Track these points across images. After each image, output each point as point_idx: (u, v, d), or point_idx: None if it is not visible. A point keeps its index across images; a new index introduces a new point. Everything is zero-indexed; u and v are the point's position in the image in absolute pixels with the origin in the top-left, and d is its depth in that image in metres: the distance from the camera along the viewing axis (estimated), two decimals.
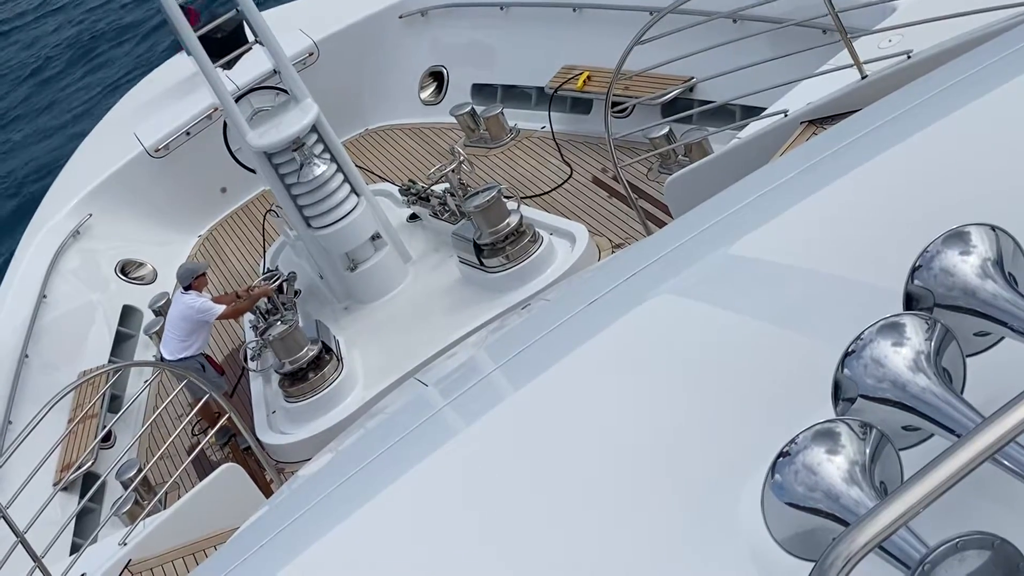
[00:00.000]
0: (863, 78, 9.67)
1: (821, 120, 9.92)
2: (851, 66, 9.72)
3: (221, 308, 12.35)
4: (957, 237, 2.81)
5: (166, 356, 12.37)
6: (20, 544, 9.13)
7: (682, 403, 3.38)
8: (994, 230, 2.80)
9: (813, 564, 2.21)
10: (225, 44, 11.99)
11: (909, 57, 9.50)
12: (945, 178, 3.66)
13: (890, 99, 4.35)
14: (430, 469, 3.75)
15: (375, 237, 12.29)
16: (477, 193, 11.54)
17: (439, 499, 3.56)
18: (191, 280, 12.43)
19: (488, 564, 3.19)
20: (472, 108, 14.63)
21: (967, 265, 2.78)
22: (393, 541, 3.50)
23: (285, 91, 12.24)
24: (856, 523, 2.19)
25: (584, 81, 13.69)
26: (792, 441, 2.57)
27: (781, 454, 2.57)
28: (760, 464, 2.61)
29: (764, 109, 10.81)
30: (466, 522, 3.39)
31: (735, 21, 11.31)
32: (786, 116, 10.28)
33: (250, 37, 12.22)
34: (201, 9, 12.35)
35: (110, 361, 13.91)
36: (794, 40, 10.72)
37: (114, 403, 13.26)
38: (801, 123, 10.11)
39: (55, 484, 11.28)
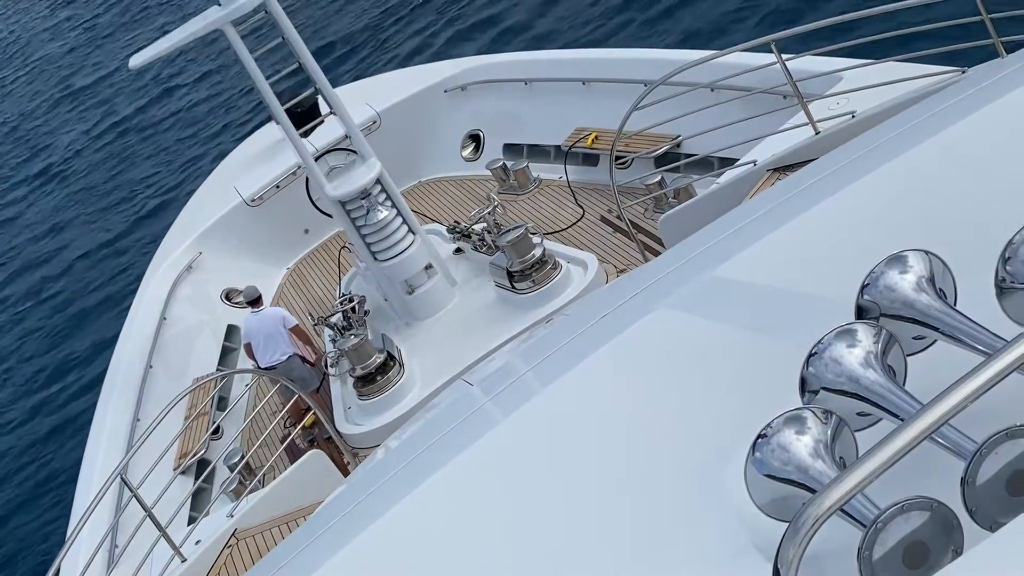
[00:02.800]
0: (817, 134, 9.65)
1: (783, 168, 9.89)
2: (807, 124, 9.71)
3: (295, 320, 12.67)
4: (897, 260, 2.80)
5: (274, 362, 12.38)
6: (148, 517, 9.17)
7: (678, 396, 3.37)
8: (927, 254, 2.80)
9: (788, 524, 2.20)
10: (304, 117, 12.06)
11: (853, 116, 9.48)
12: (886, 212, 3.65)
13: (839, 151, 4.34)
14: (476, 452, 3.74)
15: (428, 267, 12.29)
16: (509, 231, 11.53)
17: (484, 475, 3.56)
18: (258, 295, 12.71)
19: (524, 524, 3.19)
20: (504, 163, 14.62)
21: (906, 282, 2.77)
22: (449, 510, 3.50)
23: (355, 152, 12.27)
24: (822, 491, 2.19)
25: (593, 140, 13.67)
26: (768, 425, 2.56)
27: (760, 436, 2.57)
28: (743, 444, 2.60)
29: (737, 160, 10.77)
30: (505, 491, 3.39)
31: (713, 90, 11.30)
32: (755, 165, 10.26)
33: (324, 109, 12.29)
34: (288, 89, 12.46)
35: (218, 369, 13.94)
36: (760, 104, 10.70)
37: (221, 403, 13.28)
38: (767, 171, 10.08)
39: (175, 469, 11.30)
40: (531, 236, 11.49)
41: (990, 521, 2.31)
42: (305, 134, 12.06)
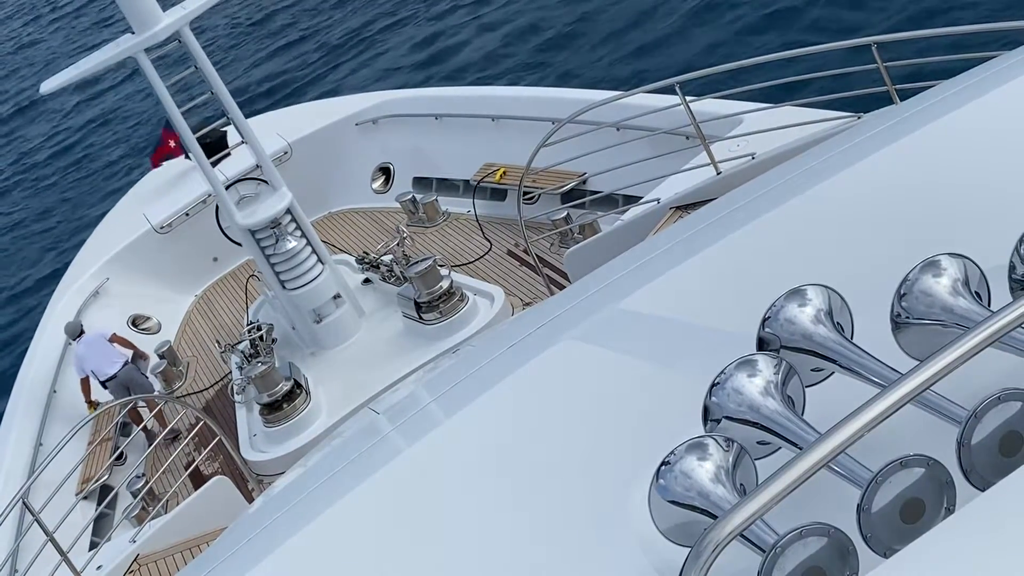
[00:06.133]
0: (718, 174, 9.78)
1: (686, 206, 9.99)
2: (708, 165, 9.83)
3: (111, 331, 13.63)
4: (797, 294, 2.84)
5: (114, 372, 12.95)
6: (50, 542, 8.96)
7: (584, 425, 3.37)
8: (826, 289, 2.84)
9: (690, 549, 2.21)
10: (212, 148, 11.93)
11: (753, 158, 9.62)
12: (785, 249, 3.70)
13: (739, 190, 4.38)
14: (381, 480, 3.70)
15: (336, 297, 12.20)
16: (417, 262, 11.50)
17: (388, 503, 3.52)
18: (80, 329, 13.38)
19: (427, 552, 3.16)
20: (413, 196, 14.61)
21: (805, 316, 2.81)
22: (351, 537, 3.45)
23: (265, 181, 12.18)
24: (722, 517, 2.20)
25: (501, 175, 13.71)
26: (672, 452, 2.57)
27: (663, 463, 2.58)
28: (647, 471, 2.61)
29: (641, 198, 10.88)
30: (409, 520, 3.35)
31: (618, 129, 11.41)
32: (658, 203, 10.35)
33: (232, 141, 12.18)
34: (201, 117, 12.37)
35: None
36: (664, 144, 10.83)
37: (125, 429, 13.04)
38: (670, 209, 10.18)
39: (77, 494, 11.06)
40: (439, 268, 11.48)
41: (884, 548, 2.34)
42: (213, 164, 11.95)
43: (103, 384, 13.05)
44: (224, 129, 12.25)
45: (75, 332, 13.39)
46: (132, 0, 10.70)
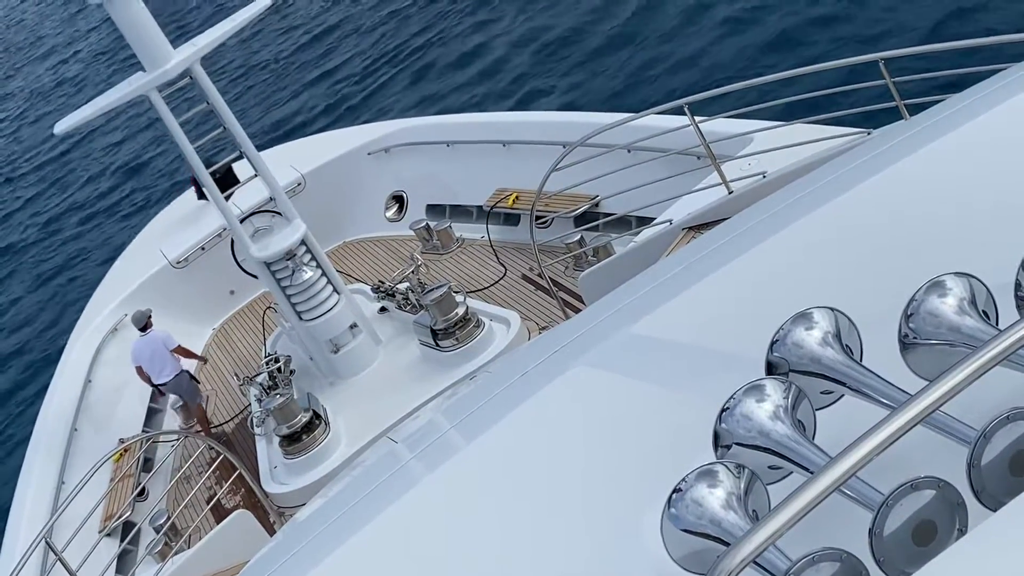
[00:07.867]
0: (730, 193, 9.78)
1: (698, 227, 9.99)
2: (720, 184, 9.83)
3: (176, 343, 13.53)
4: (804, 317, 2.84)
5: (165, 380, 13.26)
6: None
7: (597, 451, 3.37)
8: (832, 311, 2.84)
9: None
10: (220, 182, 11.91)
11: (764, 177, 9.62)
12: (796, 269, 3.70)
13: (751, 210, 4.39)
14: (401, 509, 3.72)
15: (353, 326, 12.23)
16: (432, 289, 11.52)
17: (408, 534, 3.54)
18: (146, 320, 13.42)
19: None
20: (427, 223, 14.65)
21: (813, 339, 2.81)
22: (373, 567, 3.47)
23: (279, 213, 12.22)
24: (735, 544, 2.20)
25: (513, 200, 13.73)
26: (683, 480, 2.58)
27: (675, 490, 2.58)
28: (660, 498, 2.61)
29: (654, 219, 10.88)
30: (429, 548, 3.37)
31: (629, 151, 11.42)
32: (671, 224, 10.35)
33: (241, 174, 12.19)
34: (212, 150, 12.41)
35: (143, 431, 13.74)
36: (675, 165, 10.84)
37: (147, 464, 13.08)
38: (683, 230, 10.18)
39: (100, 531, 11.08)
40: (454, 295, 11.49)
41: (897, 572, 2.34)
42: (225, 198, 12.00)
43: (159, 388, 13.58)
44: (231, 163, 12.28)
45: (140, 322, 13.48)
46: (143, 38, 10.79)
